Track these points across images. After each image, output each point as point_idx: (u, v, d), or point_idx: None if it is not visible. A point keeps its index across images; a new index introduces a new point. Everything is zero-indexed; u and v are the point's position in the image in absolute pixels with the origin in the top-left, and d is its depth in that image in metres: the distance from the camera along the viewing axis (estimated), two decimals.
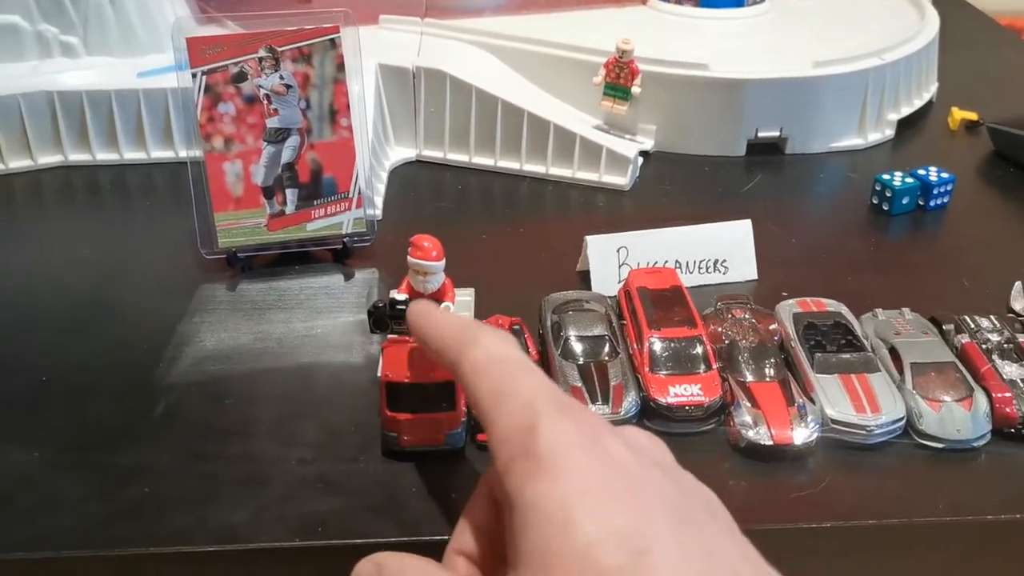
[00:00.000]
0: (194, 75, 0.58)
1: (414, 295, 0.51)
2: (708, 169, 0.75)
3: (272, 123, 0.60)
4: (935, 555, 0.45)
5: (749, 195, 0.72)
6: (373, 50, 0.74)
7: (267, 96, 0.59)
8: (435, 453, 0.47)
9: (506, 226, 0.68)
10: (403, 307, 0.49)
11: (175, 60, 0.58)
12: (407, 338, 0.48)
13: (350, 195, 0.61)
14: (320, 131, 0.60)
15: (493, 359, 0.35)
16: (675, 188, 0.73)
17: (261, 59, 0.59)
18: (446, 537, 0.42)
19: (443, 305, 0.51)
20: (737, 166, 0.76)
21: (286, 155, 0.60)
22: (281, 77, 0.59)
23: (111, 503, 0.45)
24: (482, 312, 0.55)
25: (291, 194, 0.60)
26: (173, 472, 0.46)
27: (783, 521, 0.44)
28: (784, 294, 0.57)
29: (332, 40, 0.59)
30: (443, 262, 0.51)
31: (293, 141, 0.60)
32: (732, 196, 0.72)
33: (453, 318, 0.39)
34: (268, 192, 0.60)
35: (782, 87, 0.73)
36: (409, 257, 0.51)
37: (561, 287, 0.58)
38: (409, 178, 0.75)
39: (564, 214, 0.71)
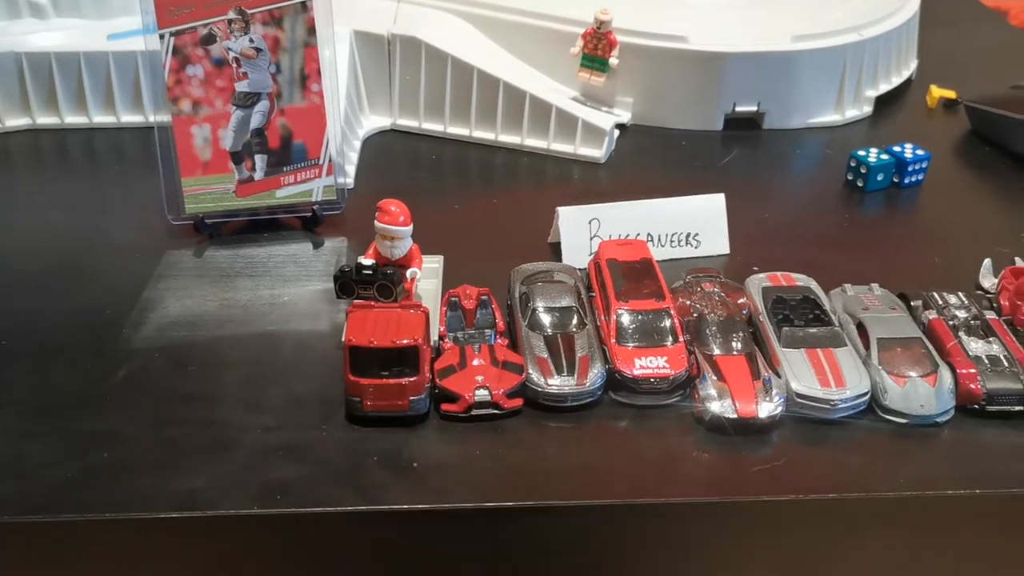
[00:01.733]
0: (161, 36, 0.57)
1: (381, 260, 0.51)
2: (685, 143, 0.75)
3: (241, 87, 0.59)
4: (895, 529, 0.45)
5: (725, 170, 0.72)
6: (349, 17, 0.73)
7: (236, 59, 0.58)
8: (399, 419, 0.46)
9: (479, 196, 0.68)
10: (369, 272, 0.49)
11: (143, 22, 0.57)
12: (372, 303, 0.48)
13: (320, 162, 0.60)
14: (290, 96, 0.59)
15: None
16: (651, 161, 0.73)
17: (231, 21, 0.58)
18: (406, 507, 0.43)
19: (409, 271, 0.50)
20: (714, 140, 0.75)
21: (255, 120, 0.59)
22: (251, 40, 0.58)
23: (72, 468, 0.44)
24: (451, 281, 0.54)
25: (260, 160, 0.60)
26: (135, 438, 0.46)
27: (745, 494, 0.44)
28: (755, 268, 0.57)
29: (303, 3, 0.58)
30: (410, 228, 0.51)
31: (263, 106, 0.59)
32: (708, 170, 0.71)
33: None
34: (237, 157, 0.60)
35: (760, 61, 0.73)
36: (376, 222, 0.51)
37: (532, 258, 0.57)
38: (383, 147, 0.74)
39: (539, 185, 0.70)
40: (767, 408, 0.46)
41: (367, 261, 0.49)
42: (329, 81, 0.59)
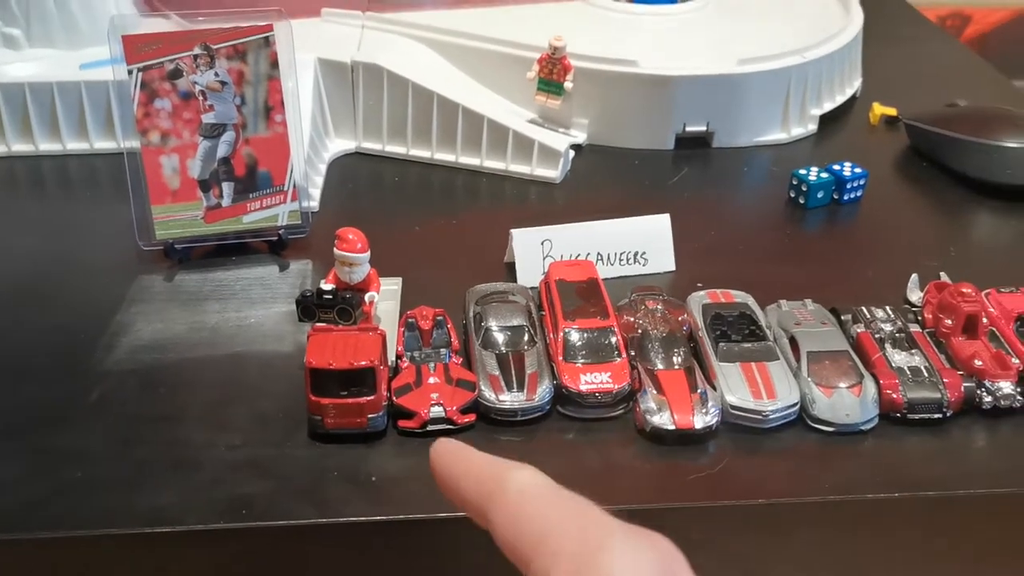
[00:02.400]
0: (130, 72, 0.60)
1: (341, 285, 0.54)
2: (638, 162, 0.78)
3: (208, 119, 0.61)
4: (822, 531, 0.48)
5: (675, 187, 0.75)
6: (314, 44, 0.76)
7: (203, 92, 0.61)
8: (358, 436, 0.49)
9: (440, 217, 0.71)
10: (329, 296, 0.52)
11: (110, 54, 0.60)
12: (333, 326, 0.51)
13: (285, 188, 0.63)
14: (255, 126, 0.62)
15: (539, 486, 0.34)
16: (605, 180, 0.76)
17: (196, 56, 0.60)
18: (364, 519, 0.46)
19: (368, 295, 0.53)
20: (666, 159, 0.78)
21: (222, 150, 0.62)
22: (216, 74, 0.61)
23: (41, 485, 0.47)
24: (411, 301, 0.57)
25: (227, 187, 0.62)
26: (105, 456, 0.49)
27: (683, 500, 0.47)
28: (699, 285, 0.60)
29: (266, 39, 0.61)
30: (368, 254, 0.54)
31: (228, 136, 0.62)
32: (659, 189, 0.75)
33: (480, 457, 0.37)
34: (205, 185, 0.62)
35: (708, 84, 0.76)
36: (335, 249, 0.53)
37: (489, 278, 0.60)
38: (348, 169, 0.77)
39: (497, 206, 0.73)
40: (703, 419, 0.50)
41: (327, 286, 0.52)
42: (292, 111, 0.62)
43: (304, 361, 0.49)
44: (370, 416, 0.49)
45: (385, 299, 0.57)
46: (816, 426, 0.51)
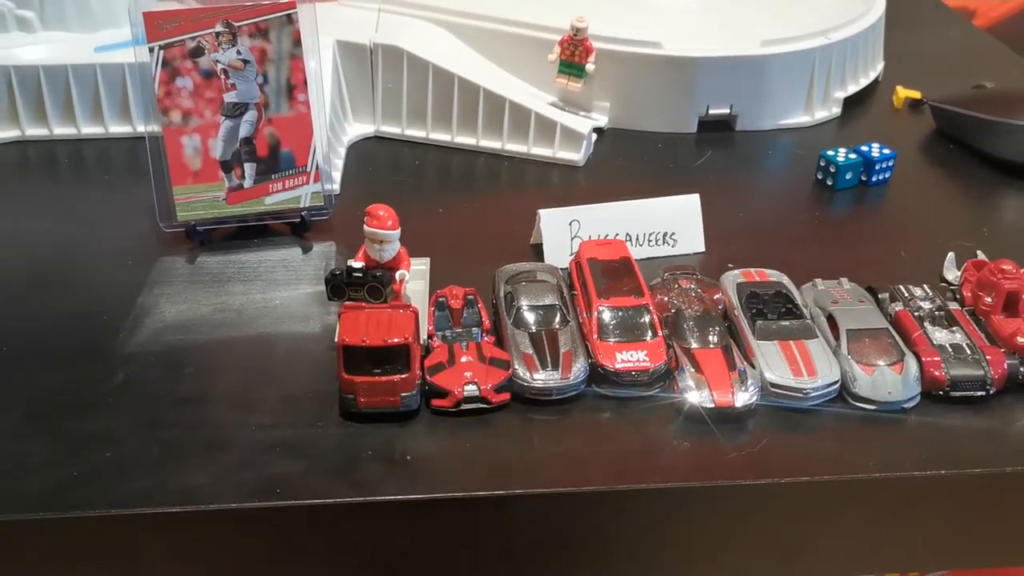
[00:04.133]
0: (151, 49, 0.59)
1: (370, 263, 0.53)
2: (661, 145, 0.77)
3: (230, 97, 0.60)
4: (866, 509, 0.47)
5: (699, 170, 0.74)
6: (331, 27, 0.75)
7: (224, 71, 0.60)
8: (391, 415, 0.48)
9: (462, 200, 0.70)
10: (359, 274, 0.51)
11: (132, 35, 0.59)
12: (363, 304, 0.50)
13: (308, 169, 0.62)
14: (278, 106, 0.61)
15: None
16: (628, 163, 0.75)
17: (218, 34, 0.59)
18: (399, 497, 0.45)
19: (398, 273, 0.52)
20: (689, 142, 0.77)
21: (244, 129, 0.61)
22: (238, 52, 0.60)
23: (72, 468, 0.46)
24: (437, 282, 0.56)
25: (249, 168, 0.61)
26: (133, 438, 0.48)
27: (723, 479, 0.46)
28: (730, 265, 0.59)
29: (288, 16, 0.60)
30: (398, 231, 0.53)
31: (251, 116, 0.61)
32: (683, 171, 0.74)
33: None
34: (226, 166, 0.61)
35: (731, 65, 0.75)
36: (365, 226, 0.52)
37: (515, 259, 0.59)
38: (367, 153, 0.76)
39: (520, 189, 0.72)
40: (743, 397, 0.49)
41: (357, 264, 0.51)
42: (315, 91, 0.61)
43: (335, 340, 0.48)
44: (403, 395, 0.48)
45: (414, 279, 0.56)
46: (858, 404, 0.50)
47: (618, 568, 0.48)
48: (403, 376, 0.47)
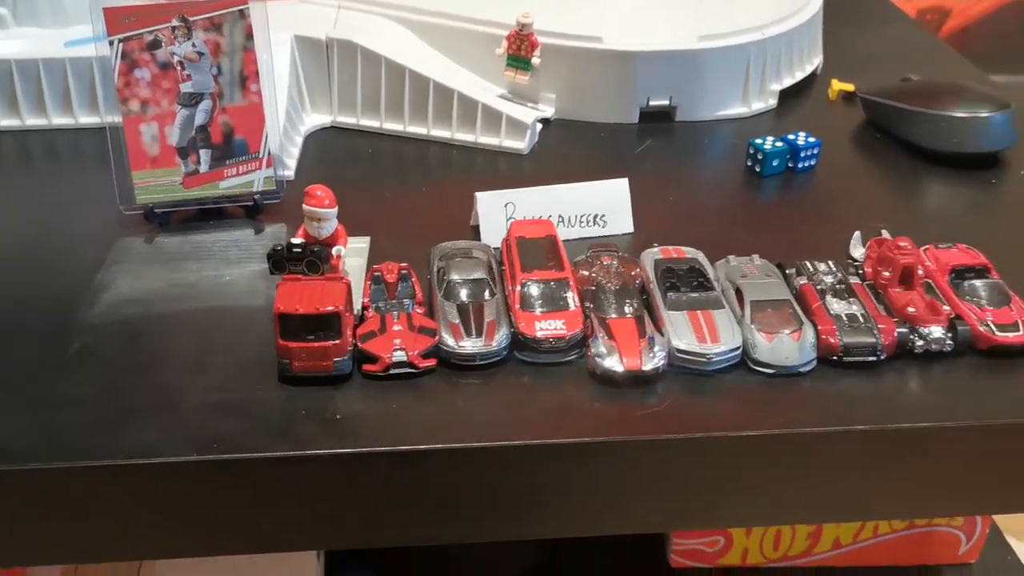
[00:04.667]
0: (111, 42, 0.63)
1: (310, 240, 0.57)
2: (604, 135, 0.81)
3: (185, 88, 0.64)
4: (764, 464, 0.51)
5: (639, 158, 0.78)
6: (290, 23, 0.79)
7: (180, 63, 0.64)
8: (326, 379, 0.52)
9: (411, 185, 0.74)
10: (299, 250, 0.55)
11: (94, 30, 0.63)
12: (301, 276, 0.54)
13: (260, 155, 0.66)
14: (231, 95, 0.65)
15: None
16: (572, 152, 0.79)
17: (174, 28, 0.63)
18: (331, 451, 0.49)
19: (335, 248, 0.56)
20: (631, 132, 0.82)
21: (199, 118, 0.65)
22: (193, 45, 0.64)
23: (33, 428, 0.50)
24: (380, 260, 0.60)
25: (204, 154, 0.65)
26: (92, 400, 0.51)
27: (633, 434, 0.50)
28: (655, 245, 0.64)
29: (241, 11, 0.64)
30: (335, 209, 0.57)
31: (206, 105, 0.65)
32: (623, 160, 0.78)
33: None
34: (183, 152, 0.65)
35: (670, 59, 0.79)
36: (304, 205, 0.56)
37: (454, 239, 0.63)
38: (324, 142, 0.80)
39: (467, 175, 0.76)
40: (650, 362, 0.53)
41: (296, 240, 0.55)
42: (267, 82, 0.65)
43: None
44: (335, 360, 0.52)
45: (353, 256, 0.60)
46: (757, 368, 0.54)
47: (535, 515, 0.52)
48: (335, 342, 0.51)
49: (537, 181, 0.69)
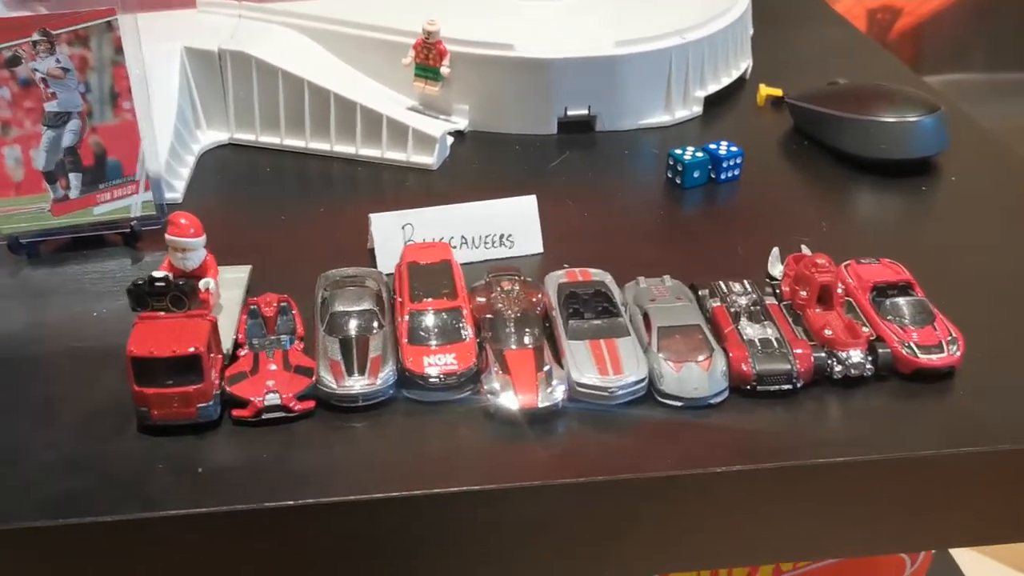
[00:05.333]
0: None
1: (177, 272, 0.52)
2: (519, 148, 0.77)
3: (51, 107, 0.59)
4: (665, 505, 0.47)
5: (556, 172, 0.74)
6: (182, 34, 0.74)
7: (44, 80, 0.59)
8: (190, 427, 0.47)
9: (310, 206, 0.69)
10: (162, 284, 0.50)
11: None
12: (160, 313, 0.49)
13: (136, 178, 0.61)
14: (102, 114, 0.60)
15: None
16: (486, 166, 0.75)
17: (35, 43, 0.58)
18: (185, 511, 0.44)
19: (202, 282, 0.51)
20: (549, 144, 0.77)
21: (67, 139, 0.60)
22: (57, 60, 0.59)
23: None
24: (263, 288, 0.55)
25: (75, 178, 0.60)
26: None
27: (526, 479, 0.46)
28: (566, 265, 0.59)
29: (108, 23, 0.59)
30: (202, 238, 0.52)
31: (74, 125, 0.60)
32: (540, 173, 0.74)
33: None
34: (51, 177, 0.60)
35: (586, 66, 0.75)
36: (166, 235, 0.52)
37: (353, 265, 0.59)
38: (222, 161, 0.75)
39: (372, 194, 0.72)
40: (547, 398, 0.49)
41: (159, 273, 0.50)
42: (140, 98, 0.60)
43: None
44: (199, 406, 0.47)
45: (230, 287, 0.55)
46: (664, 401, 0.50)
47: (422, 572, 0.47)
48: (197, 387, 0.47)
49: (448, 199, 0.64)
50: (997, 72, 1.70)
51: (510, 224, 0.62)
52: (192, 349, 0.46)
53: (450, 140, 0.75)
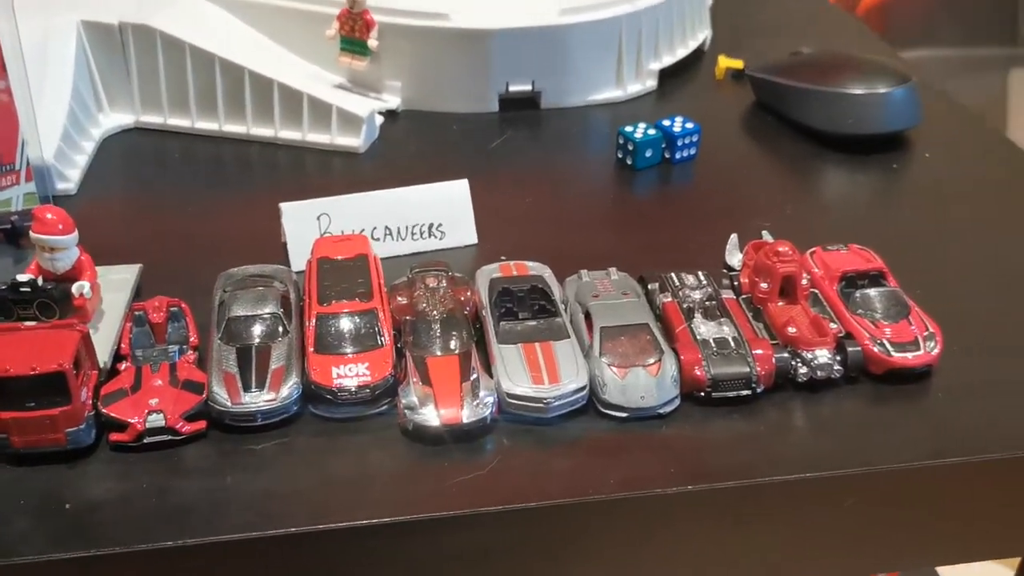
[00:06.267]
0: None
1: (47, 276, 0.45)
2: (457, 127, 0.70)
3: None
4: (607, 533, 0.41)
5: (496, 153, 0.68)
6: (80, 6, 0.67)
7: None
8: (59, 454, 0.41)
9: (222, 196, 0.62)
10: (27, 289, 0.43)
11: None
12: (19, 324, 0.42)
13: (17, 167, 0.54)
14: None
15: None
16: (421, 148, 0.68)
17: None
18: (48, 557, 0.37)
19: (75, 285, 0.45)
20: (489, 122, 0.71)
21: None
22: None
23: None
24: (156, 291, 0.49)
25: None
26: None
27: (449, 508, 0.40)
28: (503, 258, 0.53)
29: None
30: (73, 236, 0.45)
31: None
32: (479, 155, 0.67)
33: None
34: None
35: (529, 37, 0.69)
36: (31, 232, 0.45)
37: (265, 261, 0.52)
38: (127, 147, 0.68)
39: (293, 181, 0.65)
40: (474, 412, 0.42)
41: (24, 277, 0.43)
42: (17, 77, 0.53)
43: None
44: (68, 431, 0.40)
45: (116, 290, 0.48)
46: (607, 412, 0.44)
47: None
48: (64, 408, 0.40)
49: (377, 185, 0.58)
50: (968, 47, 1.66)
51: (440, 212, 0.56)
52: (56, 366, 0.39)
53: (380, 120, 0.69)
